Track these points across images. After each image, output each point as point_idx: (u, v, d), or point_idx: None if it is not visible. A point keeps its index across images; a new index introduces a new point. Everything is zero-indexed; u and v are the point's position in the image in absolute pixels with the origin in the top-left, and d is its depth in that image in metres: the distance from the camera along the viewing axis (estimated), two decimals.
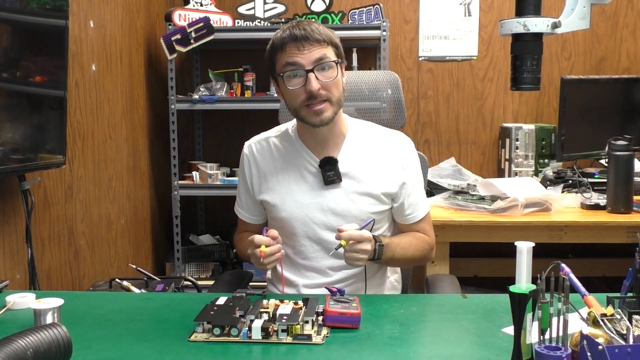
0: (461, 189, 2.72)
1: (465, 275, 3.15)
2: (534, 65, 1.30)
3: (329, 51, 1.57)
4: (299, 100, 1.57)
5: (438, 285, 1.77)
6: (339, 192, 1.65)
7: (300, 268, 1.69)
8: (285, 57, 1.55)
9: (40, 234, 2.03)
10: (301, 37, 1.53)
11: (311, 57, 1.54)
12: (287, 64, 1.55)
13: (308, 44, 1.53)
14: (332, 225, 1.63)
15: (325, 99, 1.56)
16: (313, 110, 1.56)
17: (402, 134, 1.76)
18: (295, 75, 1.55)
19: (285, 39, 1.55)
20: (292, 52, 1.54)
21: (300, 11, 3.25)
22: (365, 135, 1.71)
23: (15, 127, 1.70)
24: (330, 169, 1.63)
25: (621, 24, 3.40)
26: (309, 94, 1.54)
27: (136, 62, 2.96)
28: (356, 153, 1.67)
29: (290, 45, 1.54)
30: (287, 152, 1.69)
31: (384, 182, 1.66)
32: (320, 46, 1.55)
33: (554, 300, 0.98)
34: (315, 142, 1.67)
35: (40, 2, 1.80)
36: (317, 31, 1.55)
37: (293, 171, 1.67)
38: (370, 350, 1.16)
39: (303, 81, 1.54)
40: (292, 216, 1.66)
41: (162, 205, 3.30)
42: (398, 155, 1.69)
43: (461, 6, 3.40)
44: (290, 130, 1.72)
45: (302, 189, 1.66)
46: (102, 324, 1.31)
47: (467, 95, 3.45)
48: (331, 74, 1.56)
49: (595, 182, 2.78)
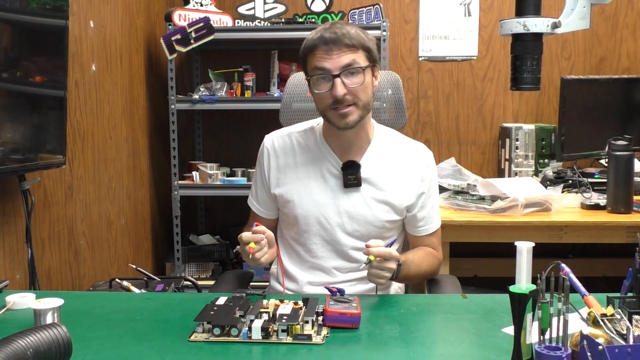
0: (461, 189, 2.72)
1: (465, 275, 3.15)
2: (534, 65, 1.30)
3: (359, 56, 1.55)
4: (325, 103, 1.57)
5: (438, 285, 1.77)
6: (357, 196, 1.65)
7: (308, 266, 1.70)
8: (314, 61, 1.56)
9: (40, 234, 2.03)
10: (331, 40, 1.53)
11: (339, 62, 1.53)
12: (316, 68, 1.55)
13: (337, 48, 1.53)
14: (346, 228, 1.65)
15: (352, 103, 1.56)
16: (339, 113, 1.57)
17: (424, 146, 1.76)
18: (323, 79, 1.55)
19: (316, 42, 1.55)
20: (321, 56, 1.54)
21: (300, 11, 3.25)
22: (389, 143, 1.71)
23: (15, 127, 1.70)
24: (352, 173, 1.64)
25: (621, 24, 3.40)
26: (335, 98, 1.55)
27: (136, 62, 2.96)
28: (379, 160, 1.68)
29: (320, 49, 1.54)
30: (309, 150, 1.70)
31: (403, 192, 1.67)
32: (350, 51, 1.54)
33: (554, 300, 0.98)
34: (339, 144, 1.67)
35: (40, 2, 1.80)
36: (348, 35, 1.54)
37: (314, 170, 1.68)
38: (370, 350, 1.16)
39: (330, 85, 1.54)
40: (307, 214, 1.66)
41: (162, 205, 3.30)
42: (419, 167, 1.70)
43: (461, 6, 3.40)
44: (316, 128, 1.72)
45: (321, 189, 1.66)
46: (102, 324, 1.30)
47: (467, 95, 3.45)
48: (359, 80, 1.55)
49: (595, 182, 2.78)
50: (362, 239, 1.63)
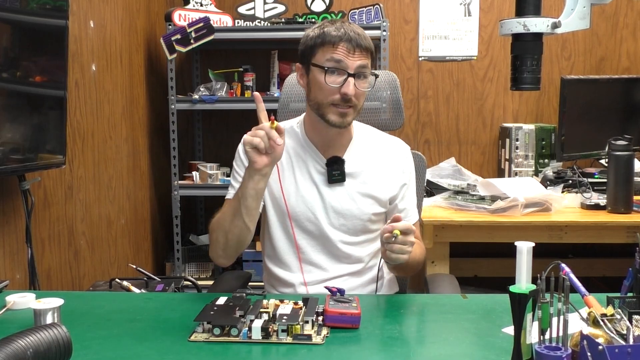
0: (461, 189, 2.72)
1: (465, 275, 3.15)
2: (534, 65, 1.30)
3: (370, 62, 1.61)
4: (329, 98, 1.59)
5: (437, 285, 1.78)
6: (342, 191, 1.68)
7: (298, 266, 1.69)
8: (333, 53, 1.57)
9: (40, 234, 2.03)
10: (355, 40, 1.56)
11: (357, 63, 1.57)
12: (334, 60, 1.57)
13: (359, 49, 1.57)
14: (334, 223, 1.67)
15: (353, 105, 1.59)
16: (340, 111, 1.59)
17: (401, 140, 1.80)
18: (337, 73, 1.57)
19: (340, 37, 1.57)
20: (343, 51, 1.56)
21: (300, 11, 3.25)
22: (369, 138, 1.75)
23: (15, 127, 1.70)
24: (337, 168, 1.67)
25: (621, 24, 3.40)
26: (344, 96, 1.57)
27: (136, 62, 2.96)
28: (361, 155, 1.71)
29: (343, 44, 1.56)
30: (293, 148, 1.71)
31: (386, 185, 1.71)
32: (366, 54, 1.59)
33: (554, 300, 0.98)
34: (322, 141, 1.69)
35: (40, 2, 1.80)
36: (366, 39, 1.59)
37: (299, 167, 1.70)
38: (370, 350, 1.16)
39: (342, 82, 1.57)
40: (296, 211, 1.67)
41: (162, 205, 3.30)
42: (399, 160, 1.74)
43: (461, 6, 3.40)
44: (296, 127, 1.74)
45: (307, 186, 1.68)
46: (102, 324, 1.30)
47: (467, 95, 3.45)
48: (367, 84, 1.60)
49: (595, 182, 2.78)
50: (349, 232, 1.68)
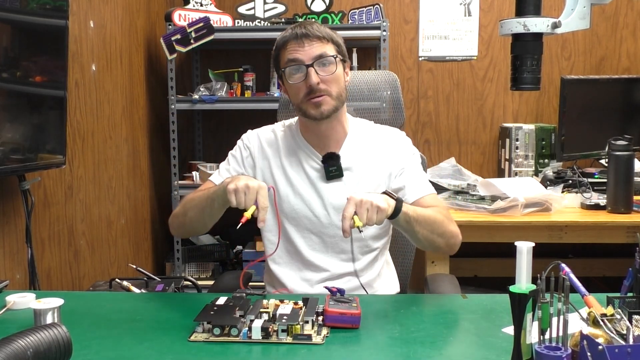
0: (461, 189, 2.72)
1: (465, 275, 3.15)
2: (534, 65, 1.30)
3: (329, 48, 1.62)
4: (300, 95, 1.62)
5: (437, 285, 1.77)
6: (340, 186, 1.67)
7: (298, 266, 1.70)
8: (287, 54, 1.62)
9: (40, 234, 2.03)
10: (302, 34, 1.60)
11: (311, 53, 1.59)
12: (289, 60, 1.61)
13: (308, 40, 1.60)
14: (333, 220, 1.66)
15: (325, 93, 1.60)
16: (313, 102, 1.60)
17: (399, 130, 1.80)
18: (296, 70, 1.61)
19: (287, 37, 1.63)
20: (293, 48, 1.60)
21: (300, 11, 3.25)
22: (365, 132, 1.74)
23: (15, 127, 1.70)
24: (333, 164, 1.67)
25: (621, 24, 3.40)
26: (309, 88, 1.59)
27: (136, 62, 2.96)
28: (357, 149, 1.70)
29: (292, 43, 1.61)
30: (289, 147, 1.72)
31: (384, 176, 1.69)
32: (321, 43, 1.61)
33: (554, 300, 0.98)
34: (316, 138, 1.69)
35: (40, 2, 1.80)
36: (318, 29, 1.62)
37: (296, 166, 1.70)
38: (370, 350, 1.16)
39: (304, 76, 1.60)
40: (295, 210, 1.67)
41: (162, 205, 3.30)
42: (394, 147, 1.72)
43: (461, 6, 3.40)
44: (292, 127, 1.75)
45: (304, 184, 1.68)
46: (102, 324, 1.30)
47: (467, 95, 3.45)
48: (331, 69, 1.61)
49: (595, 182, 2.78)
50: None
